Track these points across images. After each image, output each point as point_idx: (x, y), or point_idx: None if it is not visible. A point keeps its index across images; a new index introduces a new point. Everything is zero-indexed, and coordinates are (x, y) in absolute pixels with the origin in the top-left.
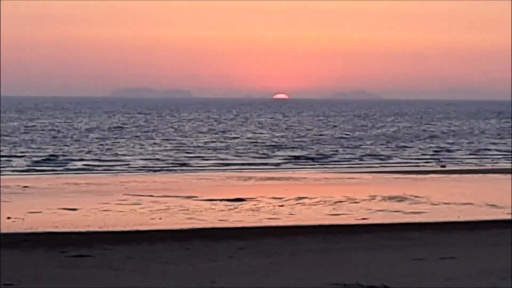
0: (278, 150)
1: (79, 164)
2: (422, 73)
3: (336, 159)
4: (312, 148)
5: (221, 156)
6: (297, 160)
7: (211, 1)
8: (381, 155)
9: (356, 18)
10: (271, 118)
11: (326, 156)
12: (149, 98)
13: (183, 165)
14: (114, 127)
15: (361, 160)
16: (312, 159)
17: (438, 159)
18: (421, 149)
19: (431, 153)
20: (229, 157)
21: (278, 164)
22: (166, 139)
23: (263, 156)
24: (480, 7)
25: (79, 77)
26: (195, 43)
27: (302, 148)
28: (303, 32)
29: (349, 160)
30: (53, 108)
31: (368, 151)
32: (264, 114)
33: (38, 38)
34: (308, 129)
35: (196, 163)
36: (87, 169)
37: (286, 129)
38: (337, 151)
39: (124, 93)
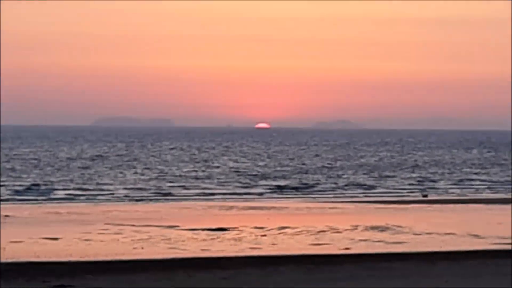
0: (261, 180)
1: (61, 193)
2: (404, 102)
3: (319, 188)
4: (295, 178)
5: (203, 185)
6: (281, 190)
7: (192, 31)
8: (364, 184)
9: (337, 48)
10: (253, 148)
11: (309, 186)
12: (131, 127)
13: (165, 195)
14: (96, 156)
15: (344, 189)
16: (296, 188)
17: (421, 189)
18: (403, 178)
19: (414, 183)
20: (211, 186)
21: (261, 194)
22: (148, 168)
23: (246, 185)
24: (461, 39)
25: (60, 106)
26: (176, 72)
27: (285, 178)
28: (284, 62)
29: (332, 190)
30: (34, 137)
31: (350, 181)
32: (246, 143)
33: (18, 66)
34: (290, 159)
35: (179, 193)
36: (69, 198)
37: (268, 158)
38: (319, 180)
39: (106, 122)
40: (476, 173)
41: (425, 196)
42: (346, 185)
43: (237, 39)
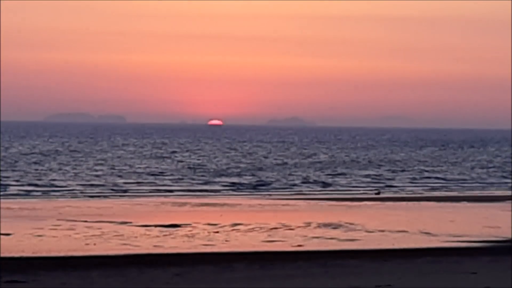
0: (216, 177)
1: (14, 189)
2: (356, 100)
3: (275, 186)
4: (249, 175)
5: (157, 182)
6: (236, 187)
7: (145, 27)
8: (319, 182)
9: (290, 46)
10: (207, 144)
11: (265, 183)
12: (83, 123)
13: (117, 191)
14: (48, 152)
15: (298, 187)
16: (253, 186)
17: (377, 187)
18: (357, 176)
19: (369, 180)
20: (165, 183)
21: (217, 191)
22: (100, 164)
23: (200, 182)
24: (416, 37)
25: (10, 101)
26: (129, 68)
27: (239, 175)
28: (237, 58)
29: (288, 187)
30: None
31: (304, 178)
32: (200, 140)
33: None
34: (244, 155)
35: (131, 189)
36: (21, 194)
37: (222, 155)
38: (273, 177)
39: (58, 118)
40: (427, 171)
41: (378, 193)
42: (302, 182)
43: (191, 36)
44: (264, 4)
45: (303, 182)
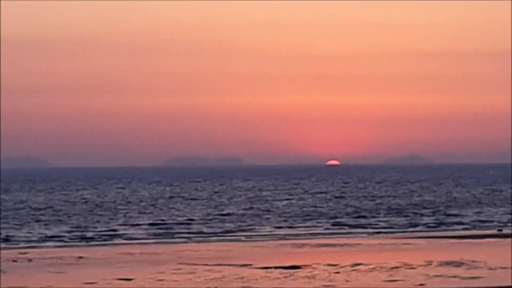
0: (336, 218)
1: (134, 235)
2: (474, 136)
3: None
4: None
5: (276, 224)
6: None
7: (259, 68)
8: (466, 222)
9: (405, 82)
10: (330, 184)
11: (412, 225)
12: (200, 167)
13: (235, 234)
14: (168, 196)
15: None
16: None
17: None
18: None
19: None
20: (283, 224)
21: (350, 233)
22: (218, 206)
23: (321, 224)
24: None
25: (129, 147)
26: (245, 110)
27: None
28: (353, 97)
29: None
30: (102, 177)
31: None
32: (319, 180)
33: (87, 108)
34: (372, 196)
35: (250, 233)
36: (141, 239)
37: (347, 195)
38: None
39: (175, 162)
40: None
41: (500, 230)
42: (426, 223)
43: (307, 76)
44: (379, 42)
45: (426, 224)
